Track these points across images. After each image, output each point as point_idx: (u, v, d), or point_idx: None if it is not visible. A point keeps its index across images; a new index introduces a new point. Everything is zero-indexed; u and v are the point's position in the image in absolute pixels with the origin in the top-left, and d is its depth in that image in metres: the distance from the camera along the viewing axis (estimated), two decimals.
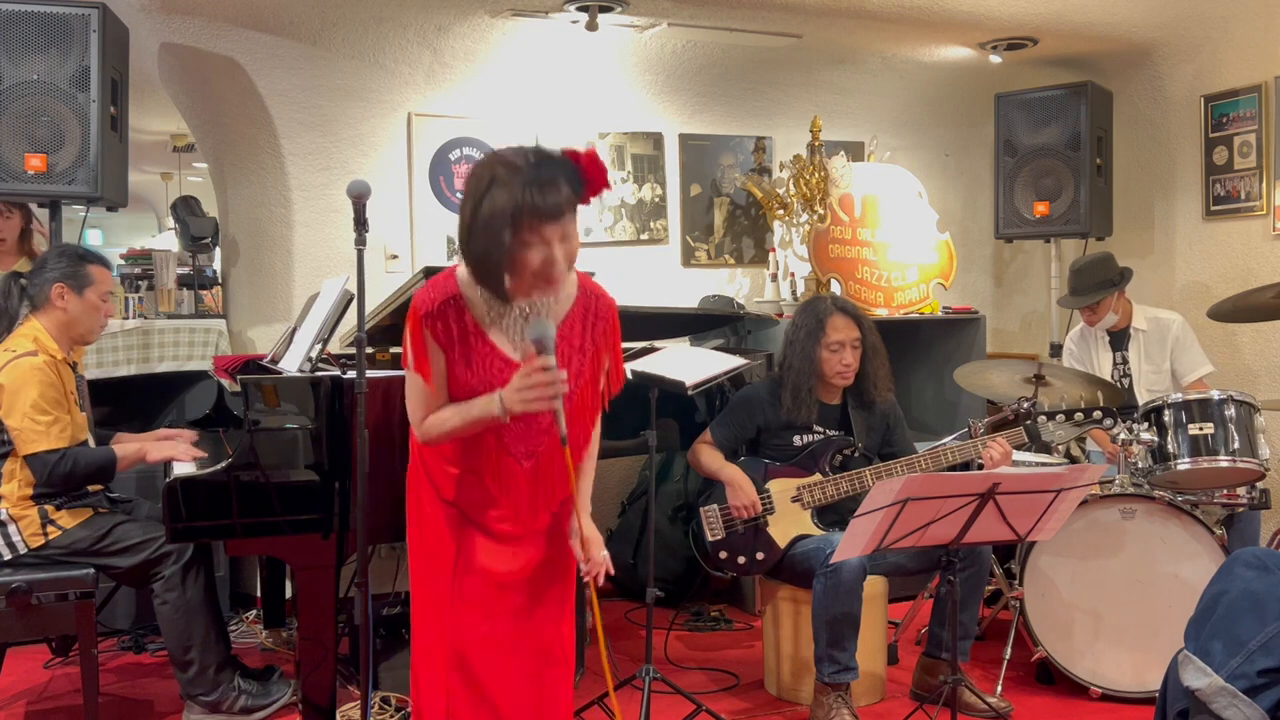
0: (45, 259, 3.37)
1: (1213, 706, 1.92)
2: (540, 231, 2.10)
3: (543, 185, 2.08)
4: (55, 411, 3.15)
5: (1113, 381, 4.28)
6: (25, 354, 3.16)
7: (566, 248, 2.15)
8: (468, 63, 4.72)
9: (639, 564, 4.62)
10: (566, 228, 2.14)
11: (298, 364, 3.23)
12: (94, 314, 3.33)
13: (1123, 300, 4.34)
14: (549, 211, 2.09)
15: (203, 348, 4.45)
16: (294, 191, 4.62)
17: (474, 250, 2.15)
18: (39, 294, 3.28)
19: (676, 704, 3.36)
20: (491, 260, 2.13)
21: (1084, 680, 3.53)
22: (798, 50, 4.95)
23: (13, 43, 3.54)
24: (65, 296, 3.27)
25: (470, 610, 2.33)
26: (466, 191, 2.15)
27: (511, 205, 2.07)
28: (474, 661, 2.33)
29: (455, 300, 2.24)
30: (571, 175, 2.12)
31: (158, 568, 3.25)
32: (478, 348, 2.25)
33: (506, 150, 2.15)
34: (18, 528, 3.17)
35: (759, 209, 5.32)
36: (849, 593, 3.28)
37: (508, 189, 2.07)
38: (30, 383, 3.12)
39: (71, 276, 3.28)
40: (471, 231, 2.13)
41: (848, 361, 3.57)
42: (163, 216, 10.99)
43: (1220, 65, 4.87)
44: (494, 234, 2.09)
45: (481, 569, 2.34)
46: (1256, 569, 2.03)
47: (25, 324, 3.28)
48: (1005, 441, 3.44)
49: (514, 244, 2.10)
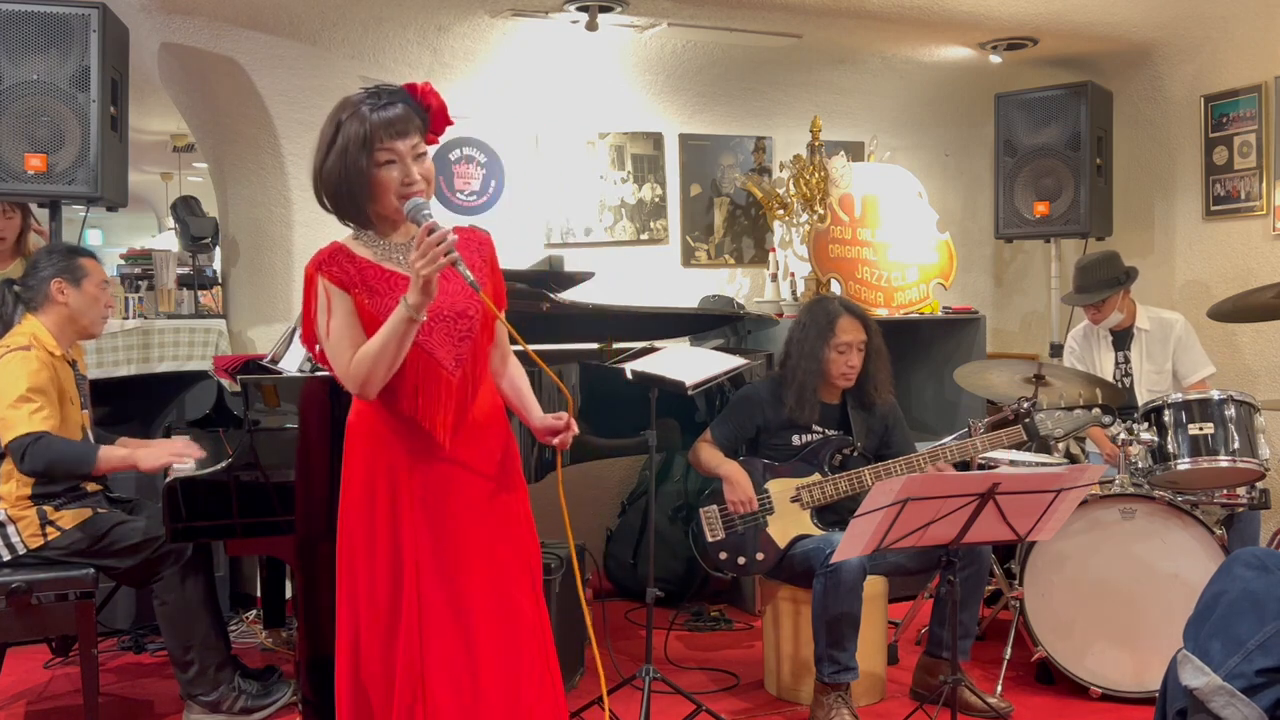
0: (37, 260, 3.36)
1: (1211, 705, 1.92)
2: (393, 147, 2.24)
3: (386, 107, 2.24)
4: (39, 399, 3.08)
5: (1113, 381, 4.28)
6: (17, 348, 3.15)
7: (422, 167, 2.28)
8: (468, 63, 4.72)
9: (639, 564, 4.63)
10: (418, 146, 2.28)
11: (298, 364, 3.23)
12: (94, 304, 3.33)
13: (1127, 299, 4.34)
14: (398, 126, 2.24)
15: (203, 348, 4.44)
16: (294, 191, 4.62)
17: (331, 183, 2.27)
18: (36, 293, 3.28)
19: (676, 704, 3.36)
20: (352, 189, 2.26)
21: (1084, 680, 3.52)
22: (798, 50, 4.95)
23: (13, 43, 3.54)
24: (65, 291, 3.27)
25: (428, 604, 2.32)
26: (320, 137, 2.29)
27: (362, 130, 2.22)
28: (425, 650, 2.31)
29: (342, 249, 2.34)
30: (410, 102, 2.29)
31: (157, 568, 3.25)
32: (376, 277, 2.31)
33: (350, 94, 2.30)
34: (16, 529, 3.16)
35: (759, 209, 5.32)
36: (849, 593, 3.28)
37: (355, 118, 2.24)
38: (19, 375, 3.09)
39: (67, 271, 3.28)
40: (326, 167, 2.27)
41: (853, 364, 3.57)
42: (163, 216, 10.99)
43: (1220, 65, 4.87)
44: (351, 161, 2.23)
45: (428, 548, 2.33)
46: (1256, 569, 2.03)
47: (23, 323, 3.28)
48: (948, 467, 3.44)
49: (370, 166, 2.23)
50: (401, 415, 2.32)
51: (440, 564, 2.32)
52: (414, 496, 2.33)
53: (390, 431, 2.34)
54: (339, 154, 2.24)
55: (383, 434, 2.35)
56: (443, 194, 4.85)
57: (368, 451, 2.37)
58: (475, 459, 2.37)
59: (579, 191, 5.08)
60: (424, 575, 2.32)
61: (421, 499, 2.33)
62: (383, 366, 2.24)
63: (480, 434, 2.39)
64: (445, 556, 2.33)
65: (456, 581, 2.33)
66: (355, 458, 2.39)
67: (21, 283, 3.34)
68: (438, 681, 2.30)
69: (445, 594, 2.32)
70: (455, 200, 4.89)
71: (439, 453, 2.33)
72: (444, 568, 2.32)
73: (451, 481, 2.35)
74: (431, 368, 2.31)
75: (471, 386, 2.37)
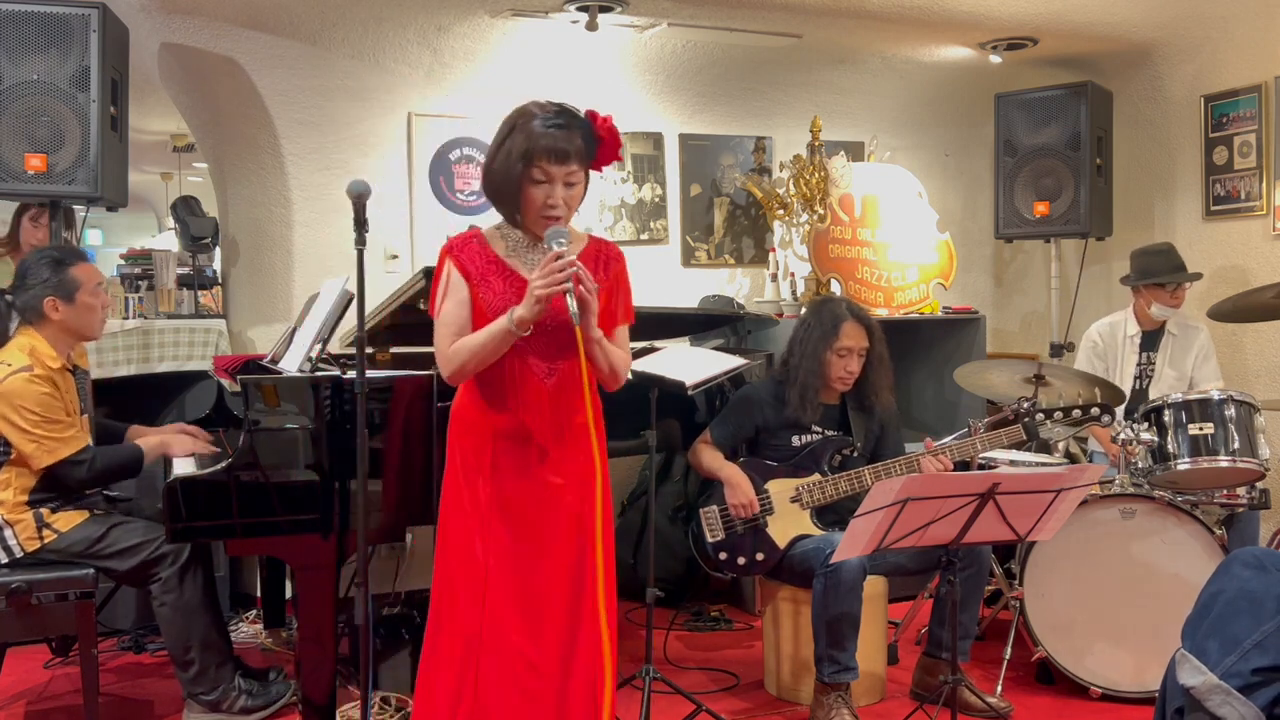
0: (25, 271, 3.28)
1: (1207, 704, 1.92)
2: (546, 169, 2.39)
3: (556, 130, 2.39)
4: (64, 419, 3.15)
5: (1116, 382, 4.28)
6: (20, 369, 3.13)
7: (569, 194, 2.43)
8: (468, 63, 4.73)
9: (639, 564, 4.63)
10: (573, 174, 2.43)
11: (298, 364, 3.23)
12: (90, 313, 3.29)
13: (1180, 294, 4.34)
14: (557, 153, 2.39)
15: (203, 348, 4.44)
16: (294, 191, 4.62)
17: (493, 180, 2.46)
18: (30, 309, 3.23)
19: (676, 704, 3.36)
20: (505, 191, 2.44)
21: (1084, 680, 3.52)
22: (798, 50, 4.95)
23: (13, 43, 3.54)
24: (59, 308, 3.22)
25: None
26: (496, 133, 2.47)
27: (526, 143, 2.38)
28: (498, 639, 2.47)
29: (478, 237, 2.53)
30: (586, 131, 2.44)
31: (155, 569, 3.25)
32: (498, 272, 2.48)
33: (535, 102, 2.46)
34: (13, 532, 3.16)
35: (759, 209, 5.32)
36: (849, 593, 3.28)
37: (524, 130, 2.40)
38: (27, 399, 3.10)
39: (57, 287, 3.22)
40: (493, 164, 2.45)
41: (852, 369, 3.57)
42: (163, 216, 11.00)
43: (1220, 65, 4.87)
44: (509, 166, 2.40)
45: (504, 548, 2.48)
46: (1254, 569, 2.04)
47: (20, 335, 3.25)
48: (948, 460, 3.44)
49: (523, 178, 2.40)
50: (499, 412, 2.47)
51: (517, 567, 2.48)
52: (499, 497, 2.48)
53: (486, 427, 2.49)
54: (503, 156, 2.42)
55: (480, 428, 2.50)
56: (442, 194, 4.85)
57: (464, 441, 2.53)
58: (564, 463, 2.51)
59: None
60: (494, 577, 2.47)
61: (504, 501, 2.48)
62: (474, 362, 2.43)
63: (575, 442, 2.52)
64: (522, 562, 2.48)
65: (530, 588, 2.48)
66: (455, 445, 2.55)
67: (14, 293, 3.28)
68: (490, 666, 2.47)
69: (516, 603, 2.47)
70: (455, 200, 4.89)
71: (527, 455, 2.48)
72: (520, 572, 2.48)
73: (536, 488, 2.49)
74: (525, 374, 2.46)
75: (567, 397, 2.49)
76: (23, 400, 3.10)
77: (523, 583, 2.48)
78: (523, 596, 2.48)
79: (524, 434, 2.48)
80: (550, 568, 2.49)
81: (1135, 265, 4.35)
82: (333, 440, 3.02)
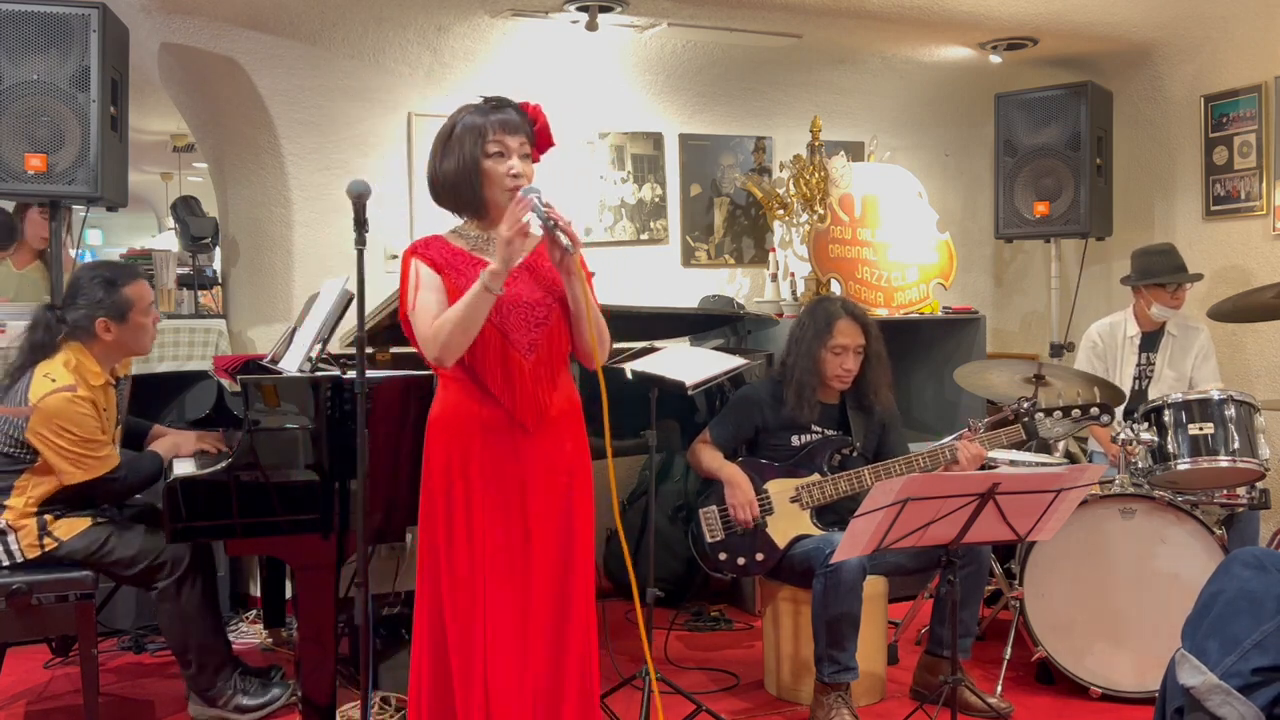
0: (77, 285, 3.26)
1: (1207, 704, 1.92)
2: (502, 140, 2.47)
3: (496, 110, 2.51)
4: (100, 438, 3.16)
5: (1131, 383, 4.29)
6: (63, 388, 3.11)
7: (527, 167, 2.50)
8: (468, 63, 4.72)
9: (639, 564, 4.62)
10: (525, 145, 2.51)
11: (297, 364, 3.23)
12: (142, 331, 3.30)
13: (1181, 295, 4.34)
14: (507, 124, 2.48)
15: (203, 348, 4.44)
16: (294, 191, 4.62)
17: (446, 179, 2.52)
18: (80, 328, 3.21)
19: (676, 704, 3.36)
20: (463, 183, 2.49)
21: (1084, 680, 3.53)
22: (798, 50, 4.95)
23: (13, 43, 3.54)
24: (110, 329, 3.22)
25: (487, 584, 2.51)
26: (435, 140, 2.54)
27: (476, 122, 2.48)
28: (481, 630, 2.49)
29: (437, 239, 2.58)
30: (522, 113, 2.54)
31: (154, 576, 3.25)
32: (466, 261, 2.52)
33: (466, 103, 2.56)
34: (16, 538, 3.16)
35: (759, 209, 5.32)
36: (849, 592, 3.28)
37: (471, 114, 2.51)
38: (67, 419, 3.09)
39: (110, 309, 3.21)
40: (442, 164, 2.51)
41: (849, 366, 3.57)
42: (163, 216, 11.00)
43: (1220, 65, 4.87)
44: (465, 150, 2.47)
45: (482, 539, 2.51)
46: (1254, 569, 2.04)
47: (66, 350, 3.21)
48: (980, 448, 3.43)
49: (480, 158, 2.47)
50: (484, 396, 2.49)
51: (509, 556, 2.50)
52: (487, 486, 2.50)
53: (468, 423, 2.50)
54: (456, 143, 2.49)
55: (461, 426, 2.51)
56: None
57: (446, 443, 2.53)
58: (548, 452, 2.54)
59: (579, 191, 5.07)
60: (491, 566, 2.50)
61: (494, 488, 2.50)
62: (458, 331, 2.42)
63: (554, 428, 2.55)
64: (514, 549, 2.50)
65: (521, 572, 2.51)
66: (435, 449, 2.56)
67: (64, 308, 3.25)
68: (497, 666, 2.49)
69: (509, 588, 2.50)
70: None
71: (512, 444, 2.50)
72: (512, 559, 2.50)
73: (523, 472, 2.51)
74: (506, 350, 2.50)
75: (548, 375, 2.53)
76: (62, 420, 3.09)
77: (515, 578, 2.50)
78: (515, 593, 2.49)
79: (506, 423, 2.49)
80: (538, 556, 2.51)
81: (1136, 265, 4.35)
82: (333, 440, 3.02)
